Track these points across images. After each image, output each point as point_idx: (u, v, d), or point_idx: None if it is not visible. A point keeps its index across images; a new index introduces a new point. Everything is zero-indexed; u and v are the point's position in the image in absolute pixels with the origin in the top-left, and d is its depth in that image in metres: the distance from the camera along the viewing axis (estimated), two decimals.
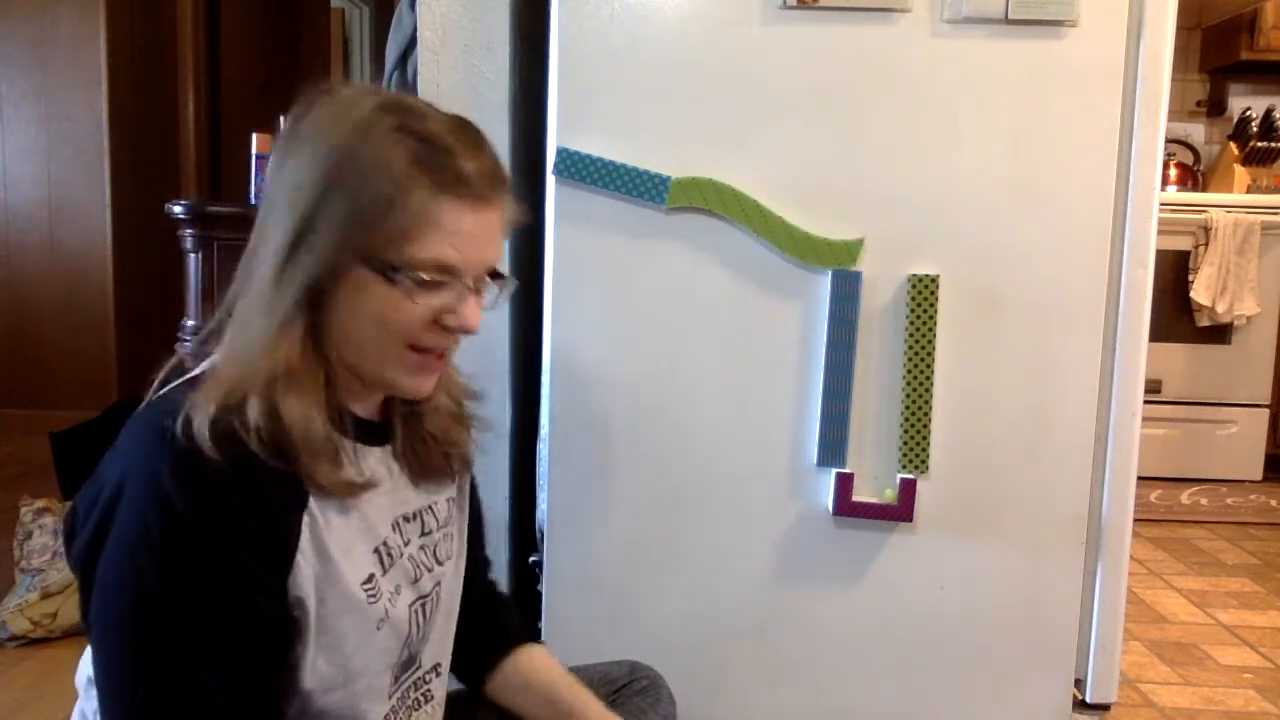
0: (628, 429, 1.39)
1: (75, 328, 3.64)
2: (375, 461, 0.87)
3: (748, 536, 1.40)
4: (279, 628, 0.77)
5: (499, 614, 1.09)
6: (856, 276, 1.34)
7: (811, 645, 1.42)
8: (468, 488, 1.02)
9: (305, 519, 0.78)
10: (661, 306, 1.37)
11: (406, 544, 0.89)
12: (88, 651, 0.82)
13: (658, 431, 1.39)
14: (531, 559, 1.48)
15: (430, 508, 0.94)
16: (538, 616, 1.44)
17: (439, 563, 0.94)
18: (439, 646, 0.96)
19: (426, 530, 0.93)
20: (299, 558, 0.77)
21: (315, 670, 0.80)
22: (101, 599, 0.75)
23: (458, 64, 1.49)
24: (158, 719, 0.73)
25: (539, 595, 1.44)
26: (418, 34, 1.49)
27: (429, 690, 0.95)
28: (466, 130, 0.82)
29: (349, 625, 0.81)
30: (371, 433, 0.88)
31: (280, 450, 0.76)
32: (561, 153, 1.34)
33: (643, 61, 1.33)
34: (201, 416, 0.74)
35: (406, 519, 0.90)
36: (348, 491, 0.81)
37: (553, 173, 1.34)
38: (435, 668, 0.96)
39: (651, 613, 1.42)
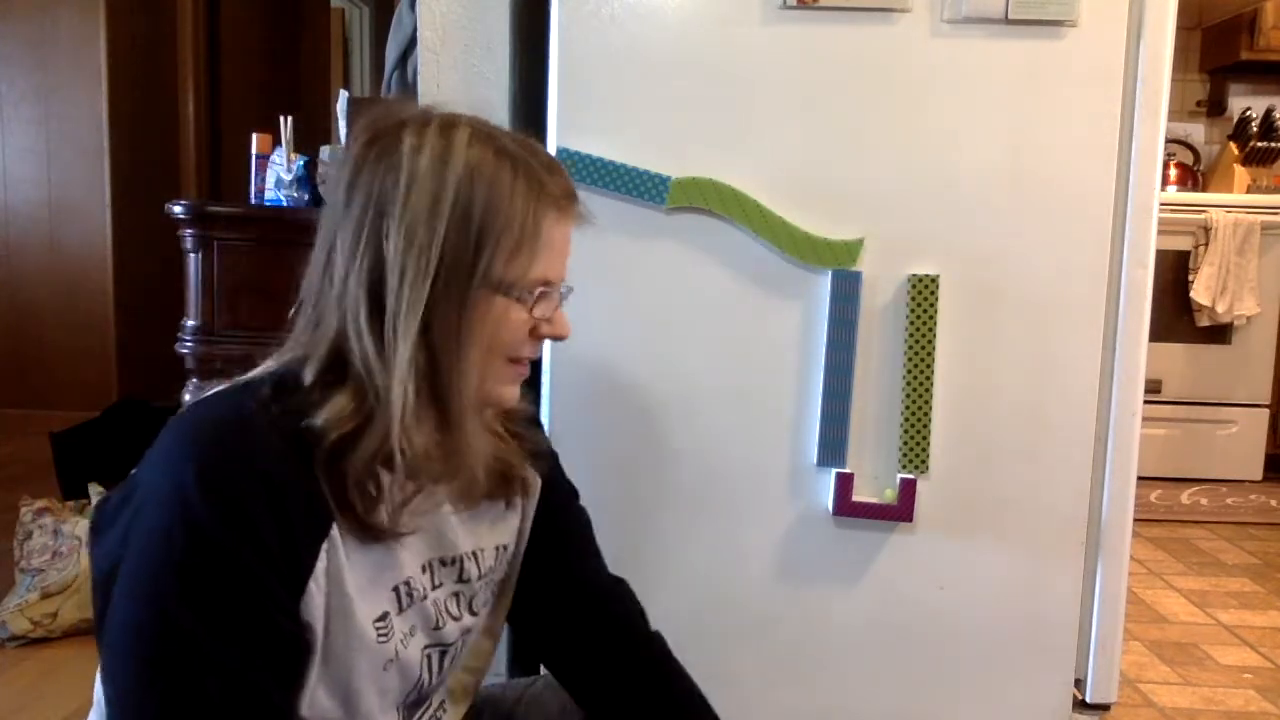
0: (627, 428, 1.39)
1: (75, 328, 3.64)
2: (424, 496, 0.85)
3: (748, 536, 1.41)
4: (294, 647, 0.76)
5: (680, 697, 1.04)
6: (856, 276, 1.34)
7: (811, 645, 1.42)
8: (528, 530, 0.98)
9: (325, 546, 0.76)
10: (661, 306, 1.37)
11: (436, 587, 0.87)
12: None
13: (657, 431, 1.39)
14: None
15: (475, 554, 0.91)
16: None
17: (473, 613, 0.92)
18: (454, 677, 0.95)
19: (464, 578, 0.90)
20: (312, 584, 0.75)
21: (315, 701, 0.79)
22: (119, 603, 0.74)
23: (458, 64, 1.49)
24: None
25: None
26: (418, 34, 1.49)
27: None
28: (536, 145, 0.84)
29: (354, 661, 0.80)
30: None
31: (331, 478, 0.76)
32: (561, 153, 1.34)
33: (643, 61, 1.33)
34: (255, 429, 0.74)
35: (443, 563, 0.88)
36: (375, 536, 0.80)
37: None
38: (443, 703, 0.95)
39: (651, 613, 1.42)
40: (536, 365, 1.43)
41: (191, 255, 1.98)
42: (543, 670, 1.09)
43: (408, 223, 0.77)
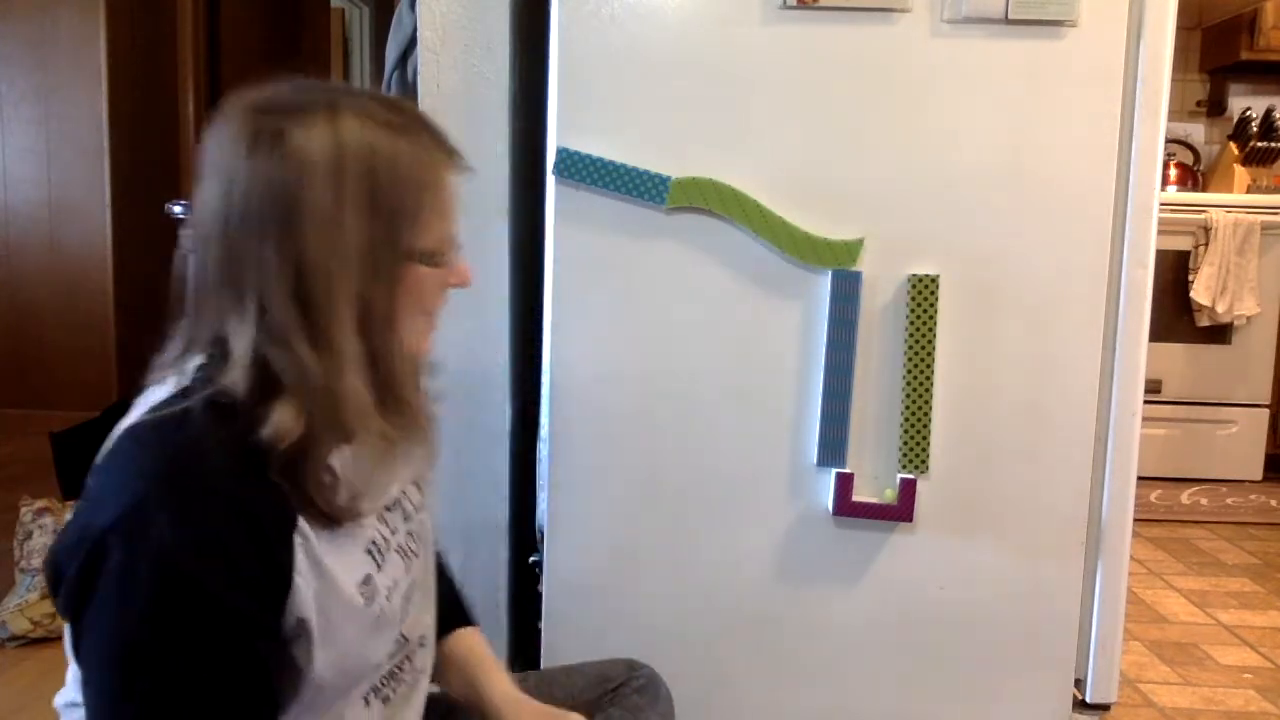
0: (628, 429, 1.39)
1: (75, 328, 3.64)
2: (384, 470, 0.86)
3: (748, 536, 1.40)
4: (278, 665, 0.76)
5: (446, 594, 1.08)
6: (856, 276, 1.34)
7: (811, 645, 1.42)
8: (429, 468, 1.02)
9: (298, 539, 0.76)
10: (661, 306, 1.37)
11: (394, 533, 0.89)
12: (69, 675, 0.81)
13: (658, 431, 1.39)
14: (531, 559, 1.48)
15: (405, 493, 0.94)
16: (538, 616, 1.44)
17: (423, 543, 0.95)
18: (424, 617, 0.96)
19: (408, 515, 0.93)
20: (298, 580, 0.75)
21: (323, 680, 0.79)
22: (91, 645, 0.72)
23: (458, 64, 1.49)
24: None
25: (539, 595, 1.44)
26: (418, 34, 1.49)
27: (417, 664, 0.95)
28: (410, 106, 0.85)
29: (351, 632, 0.80)
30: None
31: (290, 481, 0.75)
32: (561, 153, 1.34)
33: (643, 61, 1.33)
34: (204, 452, 0.72)
35: (389, 509, 0.90)
36: (350, 518, 0.80)
37: (553, 173, 1.34)
38: (421, 639, 0.96)
39: (651, 613, 1.42)
40: (536, 364, 1.44)
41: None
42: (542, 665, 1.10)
43: (319, 220, 0.75)
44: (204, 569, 0.70)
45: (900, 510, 1.37)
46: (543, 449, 1.43)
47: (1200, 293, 3.13)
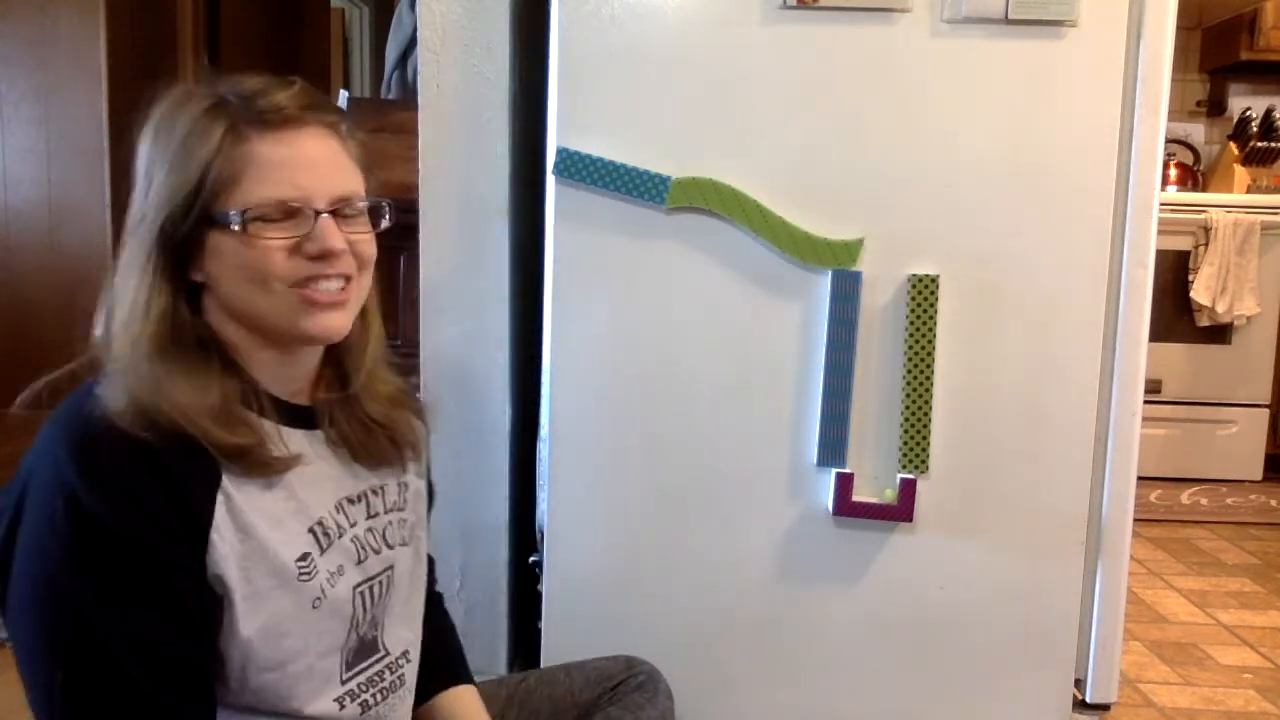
0: (628, 429, 1.39)
1: (75, 328, 3.64)
2: (304, 445, 0.88)
3: (748, 536, 1.40)
4: (200, 605, 0.78)
5: (446, 641, 1.09)
6: (856, 276, 1.34)
7: (811, 645, 1.42)
8: (425, 478, 1.02)
9: (220, 497, 0.78)
10: (661, 306, 1.37)
11: (352, 525, 0.90)
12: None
13: (658, 431, 1.39)
14: (531, 559, 1.48)
15: (378, 490, 0.94)
16: (538, 616, 1.44)
17: (389, 546, 0.94)
18: (405, 632, 0.96)
19: (373, 513, 0.93)
20: (214, 535, 0.77)
21: (249, 648, 0.80)
22: (16, 599, 0.76)
23: (458, 64, 1.49)
24: (86, 710, 0.75)
25: (539, 595, 1.44)
26: (418, 34, 1.49)
27: (401, 675, 0.95)
28: (272, 77, 0.85)
29: (282, 603, 0.81)
30: (297, 417, 0.88)
31: (186, 432, 0.78)
32: (561, 153, 1.34)
33: (643, 61, 1.33)
34: (105, 407, 0.77)
35: (351, 500, 0.91)
36: (264, 469, 0.82)
37: (553, 173, 1.34)
38: (405, 654, 0.96)
39: (651, 612, 1.42)
40: (536, 364, 1.43)
41: None
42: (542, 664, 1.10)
43: (135, 180, 0.83)
44: (115, 514, 0.74)
45: (900, 510, 1.37)
46: (543, 449, 1.43)
47: (1200, 293, 3.13)
